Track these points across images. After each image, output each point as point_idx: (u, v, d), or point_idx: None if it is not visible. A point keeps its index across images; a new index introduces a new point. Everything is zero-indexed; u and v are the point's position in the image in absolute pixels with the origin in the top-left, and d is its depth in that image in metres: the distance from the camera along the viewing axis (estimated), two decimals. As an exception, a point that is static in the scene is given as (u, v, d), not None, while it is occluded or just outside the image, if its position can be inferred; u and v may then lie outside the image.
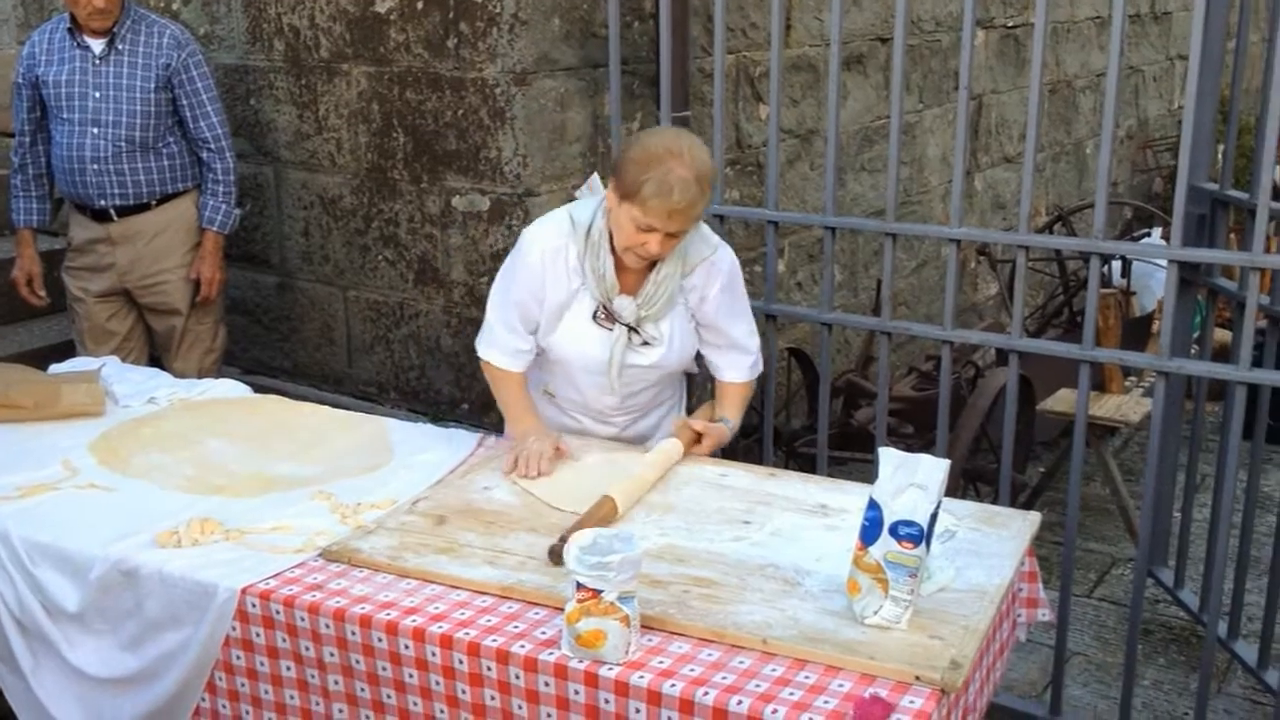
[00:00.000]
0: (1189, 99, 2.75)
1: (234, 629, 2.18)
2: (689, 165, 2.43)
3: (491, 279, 3.68)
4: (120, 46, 3.64)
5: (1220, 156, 3.54)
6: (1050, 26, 6.37)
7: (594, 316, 2.67)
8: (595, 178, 3.64)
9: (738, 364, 2.83)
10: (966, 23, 2.91)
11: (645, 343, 2.70)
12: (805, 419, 4.55)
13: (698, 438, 2.72)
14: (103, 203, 3.72)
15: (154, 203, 3.75)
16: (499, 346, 2.76)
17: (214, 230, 3.82)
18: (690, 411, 2.99)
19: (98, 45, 3.64)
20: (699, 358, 2.86)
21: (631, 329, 2.68)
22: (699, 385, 3.25)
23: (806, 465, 4.03)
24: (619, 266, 2.62)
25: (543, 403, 2.87)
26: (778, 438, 4.24)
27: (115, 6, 3.59)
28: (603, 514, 2.35)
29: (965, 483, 4.14)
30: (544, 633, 2.01)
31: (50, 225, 3.99)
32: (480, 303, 3.75)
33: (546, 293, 2.68)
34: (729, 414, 2.83)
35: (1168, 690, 3.58)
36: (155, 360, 3.91)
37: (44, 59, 3.68)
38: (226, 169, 3.81)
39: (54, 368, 3.36)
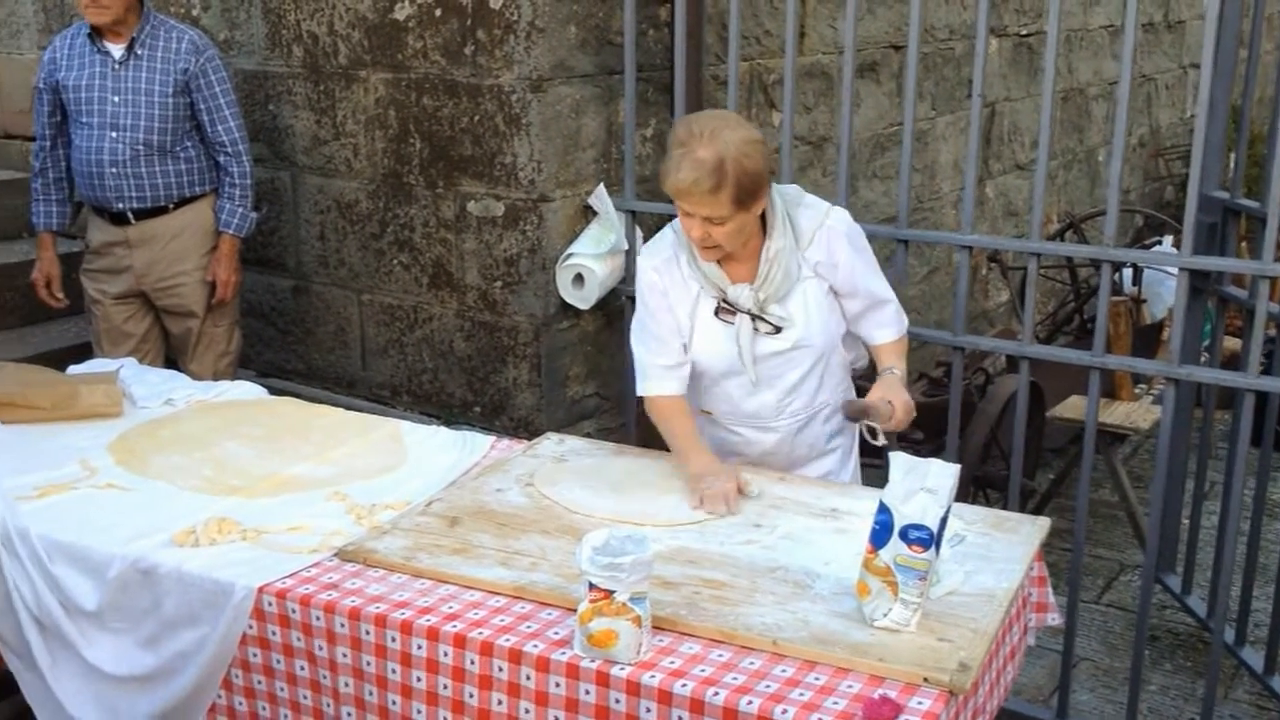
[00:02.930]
0: (1200, 107, 2.76)
1: (250, 627, 2.21)
2: (709, 146, 2.38)
3: (505, 283, 3.74)
4: (139, 51, 3.68)
5: (1232, 165, 3.55)
6: (1063, 35, 6.40)
7: (716, 313, 2.63)
8: (601, 188, 3.67)
9: (886, 320, 2.71)
10: (980, 30, 2.93)
11: (776, 329, 2.61)
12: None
13: (864, 410, 2.59)
14: (120, 206, 3.75)
15: (171, 206, 3.79)
16: (651, 375, 2.68)
17: (230, 233, 3.85)
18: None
19: (117, 50, 3.68)
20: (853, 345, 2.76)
21: (756, 316, 2.61)
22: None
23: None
24: (728, 259, 2.58)
25: (704, 424, 2.79)
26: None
27: (115, 3, 3.61)
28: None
29: (975, 489, 4.15)
30: (556, 633, 2.03)
31: (70, 229, 4.03)
32: (494, 306, 3.79)
33: (673, 305, 2.64)
34: (892, 364, 2.69)
35: (1174, 696, 3.59)
36: (171, 362, 3.95)
37: (64, 64, 3.72)
38: (243, 172, 3.84)
39: (72, 369, 3.39)
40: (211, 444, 2.87)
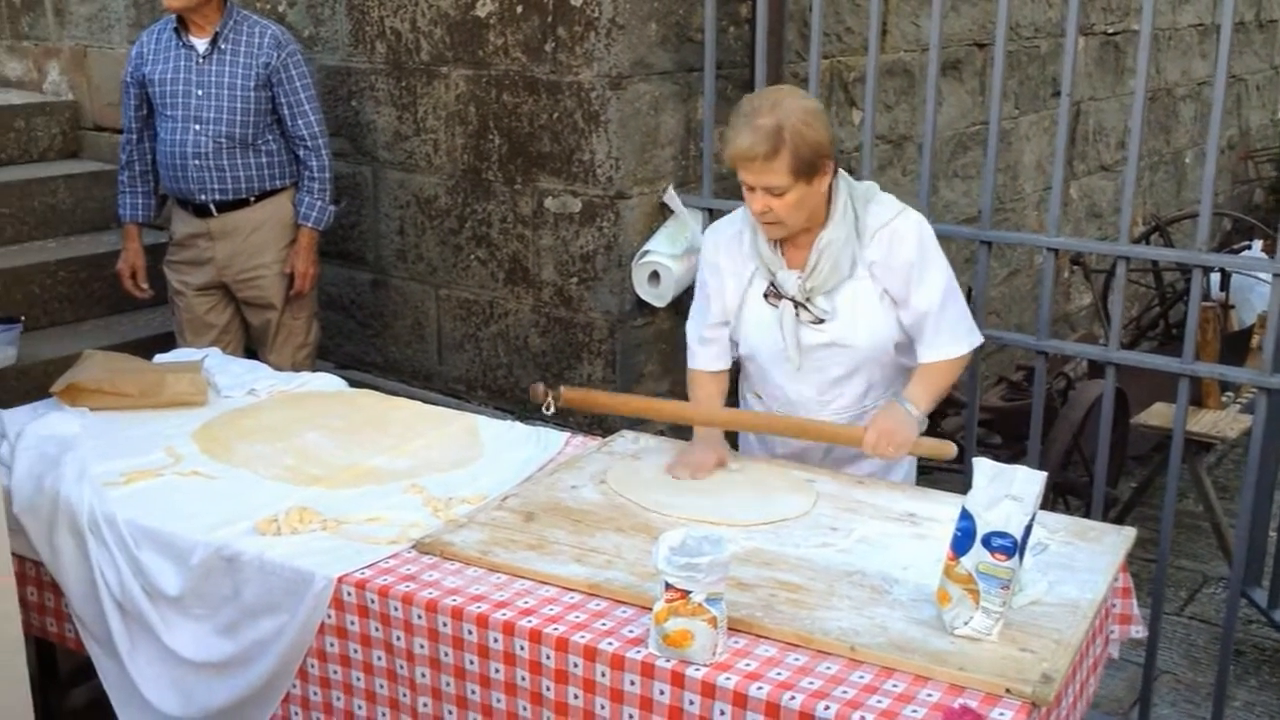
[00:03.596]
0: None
1: (329, 616, 2.24)
2: (769, 114, 2.37)
3: (581, 279, 3.75)
4: (223, 46, 3.74)
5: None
6: (1152, 33, 6.26)
7: (765, 295, 2.64)
8: (670, 190, 3.67)
9: (932, 339, 2.61)
10: (1070, 30, 2.87)
11: (818, 320, 2.60)
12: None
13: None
14: (203, 198, 3.82)
15: (253, 199, 3.85)
16: (693, 350, 2.77)
17: (309, 226, 3.90)
18: None
19: (201, 44, 3.74)
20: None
21: (800, 304, 2.60)
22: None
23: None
24: (789, 243, 2.59)
25: (756, 408, 2.84)
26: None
27: None
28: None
29: (1056, 496, 4.08)
30: (631, 631, 2.03)
31: (155, 221, 4.11)
32: (569, 302, 3.80)
33: (725, 280, 2.68)
34: (911, 395, 2.58)
35: (1259, 713, 3.50)
36: (251, 353, 4.01)
37: (151, 58, 3.80)
38: (323, 166, 3.89)
39: (159, 358, 3.46)
40: (293, 434, 2.91)
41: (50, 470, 2.62)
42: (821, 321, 2.60)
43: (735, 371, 2.89)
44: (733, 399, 2.95)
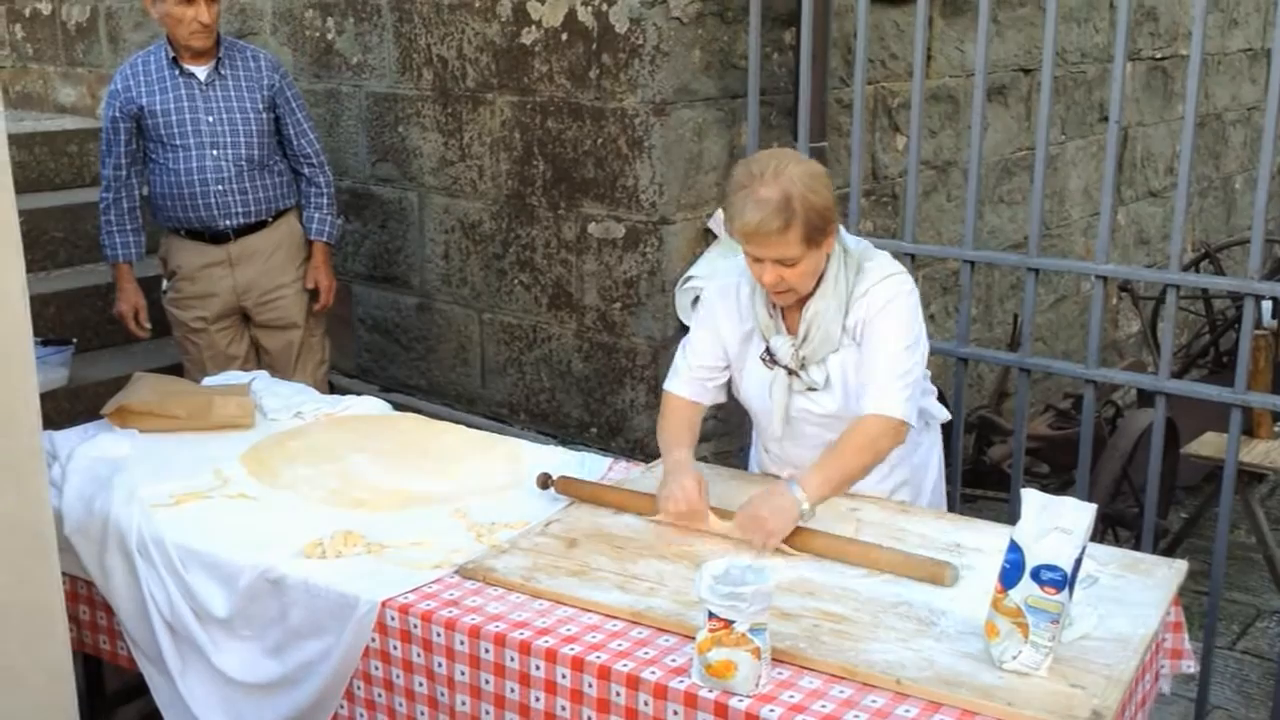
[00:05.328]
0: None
1: (373, 640, 2.24)
2: (772, 184, 2.32)
3: (624, 305, 3.76)
4: (224, 72, 3.77)
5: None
6: (1201, 58, 6.20)
7: (761, 357, 2.60)
8: (720, 213, 3.66)
9: (869, 394, 2.45)
10: (1118, 56, 2.85)
11: (810, 388, 2.56)
12: (936, 454, 4.48)
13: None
14: (226, 223, 3.81)
15: (270, 219, 3.89)
16: (676, 374, 2.70)
17: (324, 240, 3.96)
18: None
19: (202, 71, 3.76)
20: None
21: (792, 372, 2.56)
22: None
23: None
24: (785, 307, 2.55)
25: (763, 457, 2.80)
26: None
27: (216, 24, 3.71)
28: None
29: (1105, 527, 4.02)
30: (674, 660, 2.01)
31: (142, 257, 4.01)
32: (612, 328, 3.81)
33: (722, 330, 2.63)
34: (805, 480, 2.38)
35: (1316, 751, 3.41)
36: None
37: (143, 91, 3.73)
38: (329, 181, 3.97)
39: (207, 380, 3.50)
40: (338, 457, 2.93)
41: (100, 492, 2.66)
42: (814, 389, 2.56)
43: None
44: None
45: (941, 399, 4.35)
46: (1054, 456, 4.36)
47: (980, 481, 4.32)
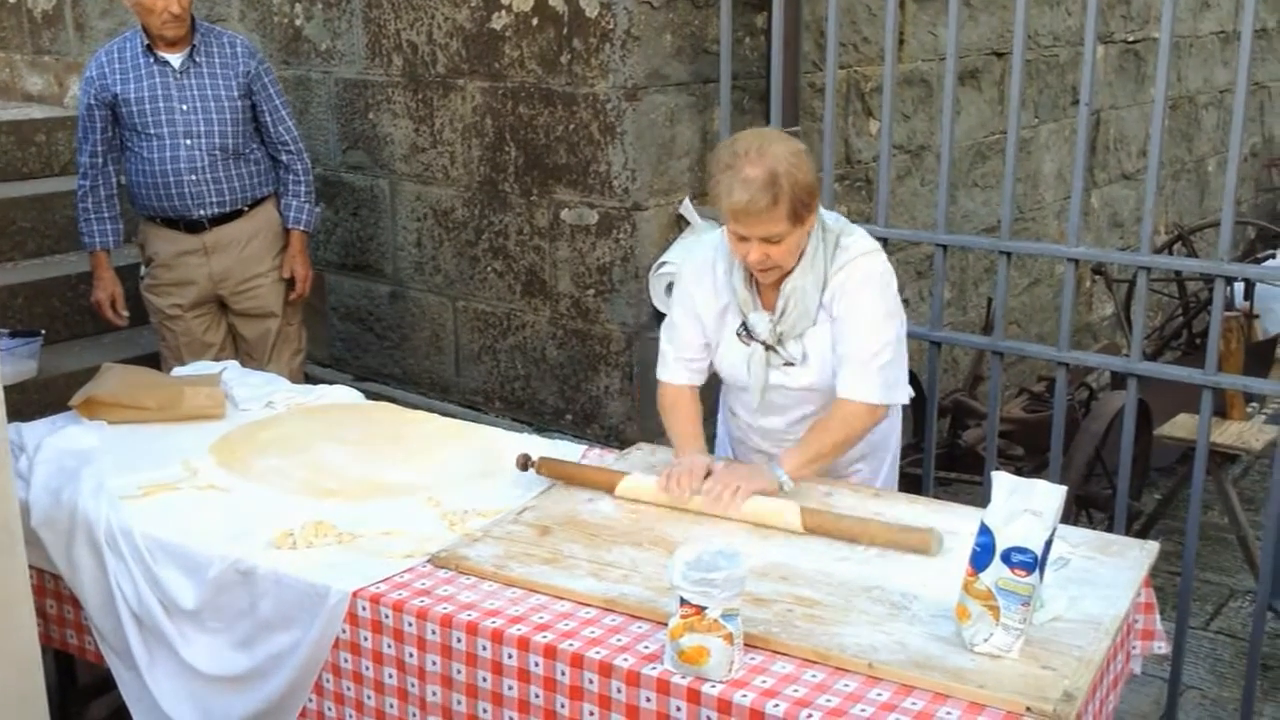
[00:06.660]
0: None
1: (344, 631, 2.23)
2: (758, 163, 2.34)
3: (598, 291, 3.74)
4: (199, 60, 3.73)
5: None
6: (1172, 41, 6.21)
7: (737, 333, 2.63)
8: (687, 201, 3.65)
9: (848, 379, 2.51)
10: (1089, 39, 2.85)
11: (788, 363, 2.59)
12: (912, 438, 4.49)
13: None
14: (201, 213, 3.78)
15: (246, 208, 3.85)
16: (666, 363, 2.73)
17: (301, 229, 3.93)
18: None
19: (176, 59, 3.71)
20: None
21: (770, 347, 2.59)
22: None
23: (911, 485, 3.96)
24: (762, 282, 2.57)
25: (730, 424, 2.85)
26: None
27: (187, 14, 3.66)
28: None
29: (1078, 509, 4.04)
30: (646, 647, 2.01)
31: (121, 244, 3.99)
32: (586, 314, 3.79)
33: (699, 308, 2.65)
34: (785, 460, 2.48)
35: (1288, 729, 3.45)
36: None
37: (118, 78, 3.70)
38: (306, 169, 3.92)
39: (177, 371, 3.47)
40: (309, 447, 2.90)
41: (68, 484, 2.63)
42: (791, 364, 2.59)
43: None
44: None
45: (915, 381, 4.37)
46: (1028, 439, 4.37)
47: (955, 464, 4.33)
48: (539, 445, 2.94)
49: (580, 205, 3.72)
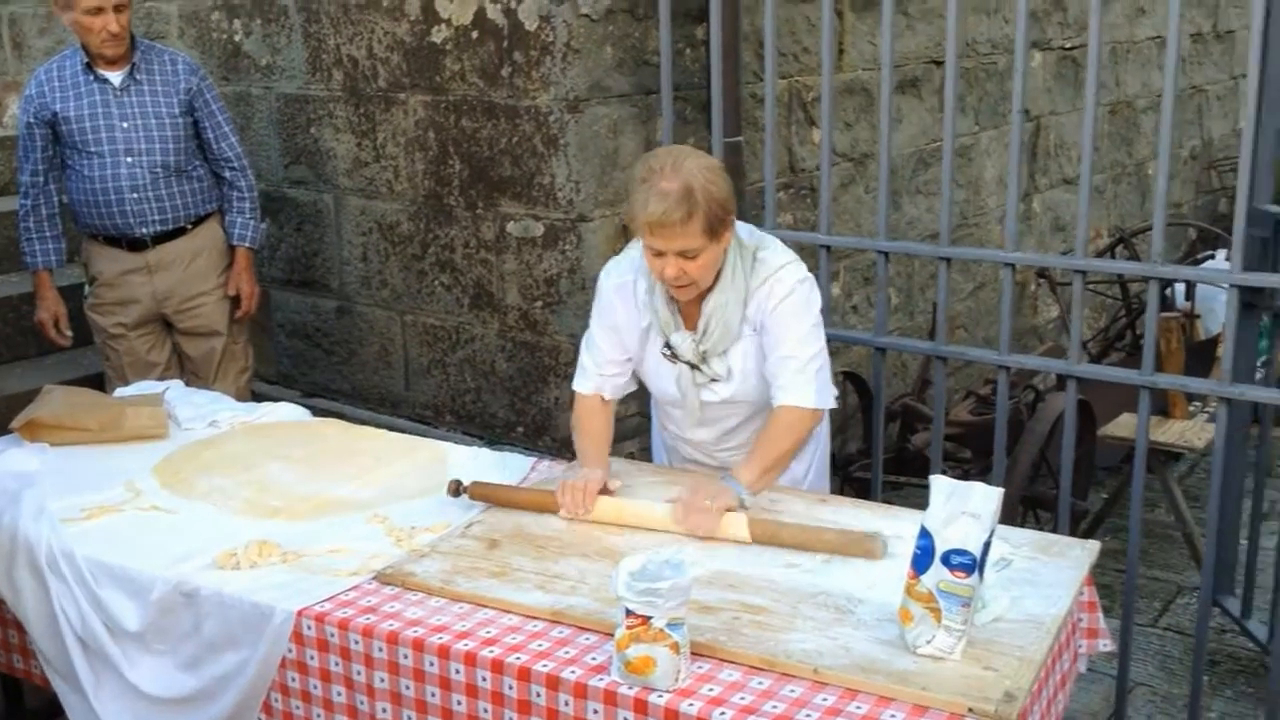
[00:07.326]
0: (1247, 121, 2.71)
1: (290, 651, 2.21)
2: (673, 177, 2.36)
3: (545, 303, 3.74)
4: (139, 77, 3.69)
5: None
6: (1110, 47, 6.31)
7: (662, 352, 2.65)
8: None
9: (787, 385, 2.54)
10: (1019, 48, 2.89)
11: (713, 379, 2.63)
12: (861, 443, 4.52)
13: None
14: (143, 231, 3.74)
15: (189, 226, 3.81)
16: (584, 375, 2.74)
17: (246, 246, 3.90)
18: None
19: (116, 77, 3.67)
20: None
21: (694, 366, 2.61)
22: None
23: (862, 490, 4.00)
24: (680, 299, 2.58)
25: (664, 434, 2.90)
26: (833, 462, 4.22)
27: (126, 32, 3.63)
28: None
29: (1025, 509, 4.08)
30: (594, 658, 2.01)
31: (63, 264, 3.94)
32: (534, 326, 3.79)
33: (620, 326, 2.67)
34: (739, 473, 2.49)
35: (1235, 723, 3.49)
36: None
37: (58, 96, 3.66)
38: (250, 185, 3.90)
39: (120, 391, 3.43)
40: (254, 466, 2.88)
41: (9, 507, 2.60)
42: (717, 380, 2.62)
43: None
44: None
45: (862, 386, 4.41)
46: (976, 442, 4.41)
47: (905, 468, 4.37)
48: (488, 459, 2.94)
49: (526, 217, 3.72)
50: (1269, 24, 3.16)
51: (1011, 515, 3.78)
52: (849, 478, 4.31)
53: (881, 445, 3.42)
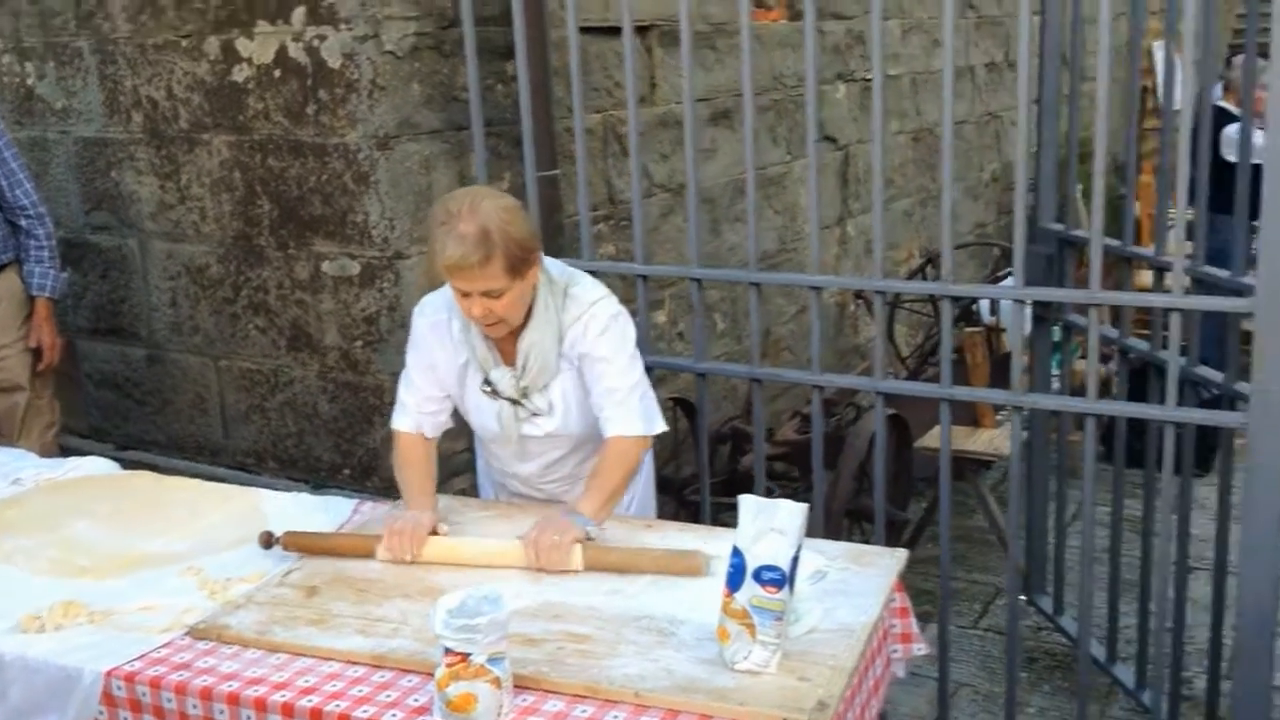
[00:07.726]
0: (1020, 146, 2.87)
1: (101, 714, 2.12)
2: (470, 219, 2.37)
3: (366, 342, 3.69)
4: None
5: (1077, 197, 3.68)
6: (910, 77, 6.62)
7: (482, 389, 2.66)
8: None
9: (614, 415, 2.60)
10: (810, 80, 3.01)
11: (535, 414, 2.66)
12: (694, 467, 4.59)
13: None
14: None
15: None
16: (404, 412, 2.73)
17: (46, 296, 3.76)
18: None
19: None
20: None
21: (515, 401, 2.64)
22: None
23: (694, 513, 4.06)
24: (492, 337, 2.60)
25: (490, 469, 2.90)
26: (667, 486, 4.27)
27: None
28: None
29: (850, 522, 4.20)
30: (416, 700, 1.98)
31: None
32: (356, 366, 3.73)
33: (437, 364, 2.67)
34: (582, 506, 2.51)
35: (1053, 717, 3.65)
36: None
37: None
38: (49, 234, 3.77)
39: (-90, 454, 3.24)
40: (59, 524, 2.76)
41: None
42: (539, 414, 2.66)
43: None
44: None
45: (692, 412, 4.48)
46: (803, 460, 4.53)
47: (736, 489, 4.44)
48: (308, 503, 2.88)
49: (341, 256, 3.67)
50: (1043, 54, 3.38)
51: (837, 528, 3.90)
52: (684, 501, 4.37)
53: (708, 468, 3.48)
